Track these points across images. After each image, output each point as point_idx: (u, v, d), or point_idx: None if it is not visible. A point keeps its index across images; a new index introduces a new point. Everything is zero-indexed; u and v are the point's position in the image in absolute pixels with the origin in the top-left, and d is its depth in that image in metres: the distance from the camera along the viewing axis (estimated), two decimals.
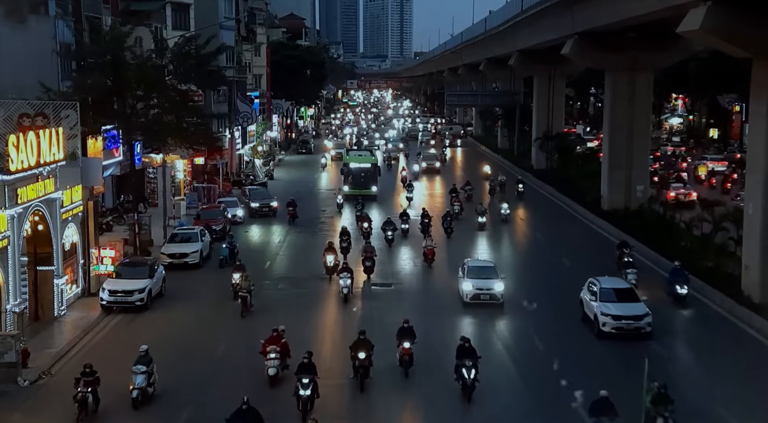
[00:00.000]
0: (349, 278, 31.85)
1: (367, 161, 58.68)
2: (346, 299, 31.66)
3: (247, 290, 30.31)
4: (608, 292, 28.33)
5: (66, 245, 30.79)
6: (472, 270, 31.85)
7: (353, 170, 57.44)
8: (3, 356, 23.21)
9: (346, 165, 58.51)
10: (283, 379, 23.39)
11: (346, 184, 57.20)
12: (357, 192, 54.74)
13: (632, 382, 21.05)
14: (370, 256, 35.00)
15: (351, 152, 63.00)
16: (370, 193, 56.09)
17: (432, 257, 37.42)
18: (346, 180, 57.33)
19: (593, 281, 29.41)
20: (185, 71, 41.14)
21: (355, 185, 56.56)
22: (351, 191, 55.58)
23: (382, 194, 58.15)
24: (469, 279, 31.34)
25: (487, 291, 30.98)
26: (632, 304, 27.84)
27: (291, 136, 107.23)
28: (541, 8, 56.29)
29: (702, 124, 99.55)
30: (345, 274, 31.96)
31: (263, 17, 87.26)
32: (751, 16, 29.08)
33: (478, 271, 31.77)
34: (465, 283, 31.37)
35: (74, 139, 30.22)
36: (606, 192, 50.53)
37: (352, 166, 57.67)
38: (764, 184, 30.28)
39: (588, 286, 29.56)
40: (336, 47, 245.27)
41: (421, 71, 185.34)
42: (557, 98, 72.97)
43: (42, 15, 38.11)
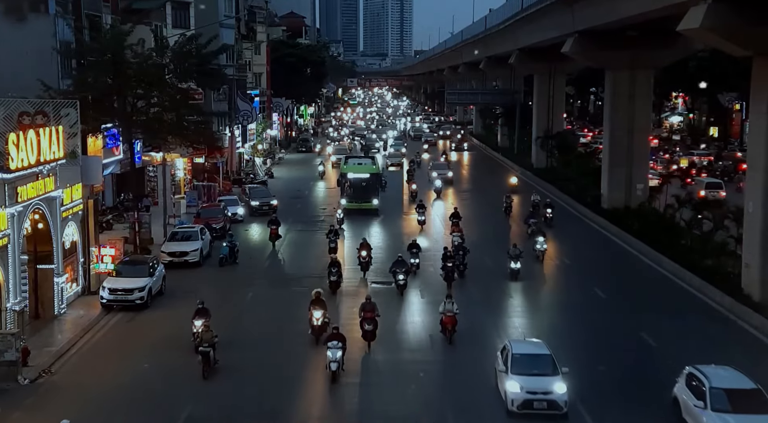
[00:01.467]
0: (340, 349, 23.75)
1: (367, 170, 51.88)
2: (334, 378, 23.49)
3: (209, 343, 24.03)
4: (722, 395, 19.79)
5: (66, 244, 30.79)
6: (520, 361, 21.76)
7: (352, 181, 50.97)
8: (3, 354, 23.20)
9: (344, 175, 51.64)
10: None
11: (343, 196, 51.01)
12: (356, 206, 49.91)
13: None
14: (371, 317, 26.17)
15: (350, 160, 55.82)
16: (371, 206, 50.38)
17: (453, 328, 26.96)
18: (344, 192, 51.03)
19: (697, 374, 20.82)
20: (185, 70, 41.11)
21: (354, 198, 50.49)
22: (349, 205, 49.95)
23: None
24: (515, 375, 21.39)
25: (544, 396, 21.04)
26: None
27: (291, 134, 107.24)
28: (542, 6, 56.24)
29: (702, 122, 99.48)
30: (334, 343, 23.80)
31: (263, 15, 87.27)
32: (751, 15, 29.06)
33: (527, 363, 21.72)
34: (509, 381, 21.37)
35: (74, 137, 30.20)
36: (606, 190, 50.52)
37: (350, 176, 51.01)
38: (764, 182, 30.28)
39: (688, 379, 20.97)
40: (336, 46, 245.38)
41: (421, 69, 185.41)
42: (557, 96, 72.91)
43: (42, 13, 38.06)
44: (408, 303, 31.68)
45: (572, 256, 38.56)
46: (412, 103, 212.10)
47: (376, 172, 52.01)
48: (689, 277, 33.95)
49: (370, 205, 50.13)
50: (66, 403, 22.16)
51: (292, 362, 25.35)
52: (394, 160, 76.18)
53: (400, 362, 25.40)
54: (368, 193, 50.51)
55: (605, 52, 49.67)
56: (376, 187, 51.08)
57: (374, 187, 51.01)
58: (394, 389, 23.25)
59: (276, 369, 24.66)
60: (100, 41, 39.51)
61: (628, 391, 22.90)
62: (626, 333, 27.94)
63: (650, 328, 28.05)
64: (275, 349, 26.34)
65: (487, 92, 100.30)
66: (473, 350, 26.14)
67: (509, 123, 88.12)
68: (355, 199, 50.22)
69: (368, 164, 53.73)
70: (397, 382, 23.72)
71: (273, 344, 26.84)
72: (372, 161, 55.25)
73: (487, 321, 29.35)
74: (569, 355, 24.47)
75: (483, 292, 33.00)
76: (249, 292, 33.37)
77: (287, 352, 26.10)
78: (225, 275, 36.11)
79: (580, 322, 29.43)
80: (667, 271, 35.95)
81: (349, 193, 50.66)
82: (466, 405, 22.11)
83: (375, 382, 23.79)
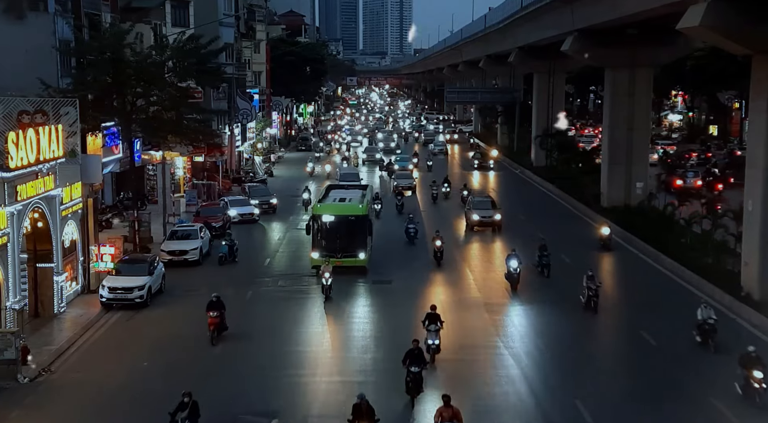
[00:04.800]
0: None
1: (350, 211, 36.06)
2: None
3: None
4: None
5: (66, 242, 30.79)
6: None
7: (329, 226, 35.35)
8: (3, 353, 23.20)
9: (316, 218, 35.47)
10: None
11: (315, 248, 35.14)
12: (333, 262, 33.37)
13: None
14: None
15: (332, 192, 40.56)
16: (357, 262, 35.04)
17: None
18: (316, 242, 35.27)
19: None
20: (185, 68, 41.11)
21: (330, 250, 34.64)
22: (323, 261, 33.59)
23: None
24: None
25: None
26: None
27: (291, 133, 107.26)
28: (541, 5, 56.23)
29: (702, 120, 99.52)
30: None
31: (263, 14, 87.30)
32: (751, 13, 29.05)
33: None
34: None
35: (74, 136, 30.19)
36: (606, 189, 50.52)
37: (326, 219, 35.34)
38: (764, 180, 30.28)
39: None
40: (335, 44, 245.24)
41: (420, 68, 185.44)
42: (557, 95, 72.92)
43: (41, 12, 38.08)
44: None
45: (572, 256, 38.53)
46: (413, 103, 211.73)
47: (363, 213, 35.82)
48: (688, 275, 33.98)
49: (354, 260, 34.87)
50: (66, 402, 22.21)
51: (292, 362, 25.37)
52: (403, 183, 58.91)
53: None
54: (353, 243, 35.19)
55: (605, 50, 49.69)
56: (363, 235, 35.62)
57: (361, 234, 35.55)
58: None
59: (276, 368, 24.67)
60: (100, 40, 39.53)
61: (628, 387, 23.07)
62: (626, 332, 27.91)
63: (650, 327, 28.04)
64: (275, 348, 26.34)
65: (486, 91, 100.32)
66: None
67: (509, 122, 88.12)
68: (333, 251, 34.55)
69: (354, 201, 37.67)
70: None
71: (272, 344, 26.83)
72: (361, 195, 39.29)
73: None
74: (570, 355, 24.67)
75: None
76: (248, 290, 33.36)
77: (287, 352, 26.12)
78: (224, 274, 36.10)
79: (579, 320, 29.42)
80: (667, 269, 35.97)
81: (323, 243, 35.09)
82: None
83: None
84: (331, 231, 35.16)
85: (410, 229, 41.63)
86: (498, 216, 44.44)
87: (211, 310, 26.72)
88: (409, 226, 41.76)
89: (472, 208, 45.55)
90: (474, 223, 44.74)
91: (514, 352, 25.94)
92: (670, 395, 22.40)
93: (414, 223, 42.14)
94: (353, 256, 34.95)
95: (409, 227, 41.75)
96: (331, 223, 35.31)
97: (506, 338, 27.38)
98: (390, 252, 39.71)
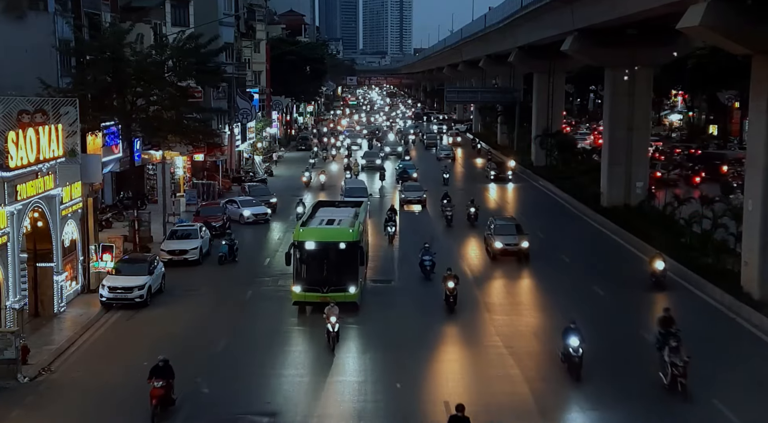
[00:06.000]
0: None
1: (339, 236, 30.62)
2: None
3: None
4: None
5: (66, 242, 30.79)
6: None
7: (311, 254, 30.12)
8: (3, 353, 23.20)
9: (299, 246, 30.03)
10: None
11: (297, 281, 29.95)
12: (318, 297, 29.01)
13: None
14: None
15: (320, 211, 35.26)
16: (346, 297, 29.25)
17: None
18: (297, 273, 30.05)
19: None
20: (185, 68, 41.12)
21: (314, 282, 29.59)
22: (306, 295, 29.65)
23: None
24: None
25: None
26: None
27: (290, 132, 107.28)
28: (541, 5, 56.20)
29: (702, 120, 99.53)
30: None
31: (263, 14, 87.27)
32: (751, 13, 29.06)
33: None
34: None
35: (74, 135, 30.19)
36: (605, 188, 50.52)
37: (309, 246, 30.03)
38: (764, 180, 30.28)
39: None
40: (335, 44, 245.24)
41: (420, 68, 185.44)
42: (557, 95, 72.91)
43: (41, 11, 38.11)
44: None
45: (571, 255, 38.50)
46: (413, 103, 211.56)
47: (353, 238, 30.24)
48: (689, 275, 33.96)
49: (344, 295, 29.26)
50: (66, 401, 22.22)
51: (291, 361, 25.37)
52: (412, 195, 53.09)
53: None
54: (341, 275, 29.74)
55: (605, 50, 49.66)
56: (354, 264, 30.03)
57: (351, 263, 29.95)
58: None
59: (275, 368, 24.68)
60: (100, 39, 39.56)
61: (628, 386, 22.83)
62: (626, 331, 27.91)
63: (650, 326, 28.01)
64: (275, 348, 26.33)
65: (486, 90, 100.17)
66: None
67: (509, 121, 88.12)
68: (318, 285, 29.41)
69: (344, 223, 32.41)
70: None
71: (272, 343, 26.82)
72: (353, 215, 34.10)
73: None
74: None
75: None
76: (248, 290, 33.37)
77: (287, 352, 26.12)
78: (224, 273, 36.12)
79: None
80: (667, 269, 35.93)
81: (304, 275, 29.89)
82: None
83: None
84: (315, 260, 29.94)
85: (426, 261, 34.40)
86: (525, 243, 37.69)
87: (156, 378, 20.81)
88: (425, 258, 34.47)
89: (493, 233, 38.27)
90: (497, 252, 37.77)
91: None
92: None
93: (430, 253, 34.70)
94: (342, 290, 29.20)
95: (424, 259, 34.46)
96: (315, 251, 29.89)
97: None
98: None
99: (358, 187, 52.08)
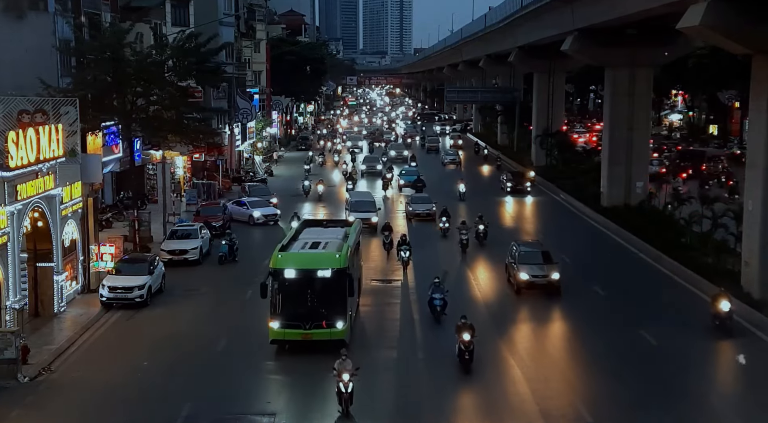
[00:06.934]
0: None
1: (324, 261, 26.17)
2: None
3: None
4: None
5: (66, 242, 30.79)
6: None
7: (290, 284, 25.84)
8: (3, 353, 23.21)
9: (277, 274, 25.79)
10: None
11: (274, 316, 25.64)
12: (300, 333, 25.38)
13: None
14: None
15: (305, 231, 31.12)
16: (333, 335, 25.20)
17: None
18: (275, 307, 25.78)
19: None
20: (185, 67, 41.14)
21: (295, 317, 25.41)
22: (286, 333, 25.49)
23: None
24: None
25: None
26: None
27: (290, 132, 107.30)
28: (541, 4, 56.22)
29: (702, 120, 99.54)
30: None
31: (263, 14, 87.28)
32: (751, 13, 29.07)
33: None
34: None
35: (74, 135, 30.20)
36: (606, 188, 50.53)
37: (289, 274, 25.79)
38: (764, 180, 30.29)
39: None
40: (335, 44, 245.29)
41: (420, 68, 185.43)
42: (557, 94, 72.93)
43: (41, 11, 38.11)
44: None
45: (572, 255, 38.50)
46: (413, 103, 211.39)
47: (341, 265, 25.85)
48: (688, 275, 33.96)
49: (330, 331, 25.29)
50: (66, 401, 22.23)
51: (291, 361, 25.35)
52: (420, 208, 47.56)
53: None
54: (327, 309, 25.48)
55: (605, 49, 49.70)
56: (342, 296, 25.60)
57: (338, 295, 25.62)
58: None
59: (275, 368, 24.68)
60: (100, 39, 39.57)
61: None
62: (626, 331, 27.91)
63: (650, 326, 28.03)
64: (275, 348, 26.30)
65: (486, 90, 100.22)
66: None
67: (509, 121, 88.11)
68: (300, 321, 25.38)
69: (331, 246, 27.66)
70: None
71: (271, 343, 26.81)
72: (342, 236, 29.63)
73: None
74: (569, 355, 24.52)
75: None
76: (249, 290, 33.32)
77: (286, 351, 26.09)
78: (224, 273, 36.13)
79: (581, 320, 29.34)
80: (667, 269, 35.94)
81: (287, 308, 25.70)
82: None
83: None
84: (296, 291, 25.78)
85: (436, 299, 28.72)
86: (556, 274, 31.93)
87: None
88: (434, 296, 28.75)
89: (517, 262, 32.52)
90: (521, 285, 31.92)
91: None
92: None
93: (442, 291, 28.82)
94: (328, 327, 25.20)
95: (434, 297, 28.75)
96: (295, 280, 25.72)
97: None
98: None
99: (365, 201, 46.79)
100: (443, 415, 21.31)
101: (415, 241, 38.20)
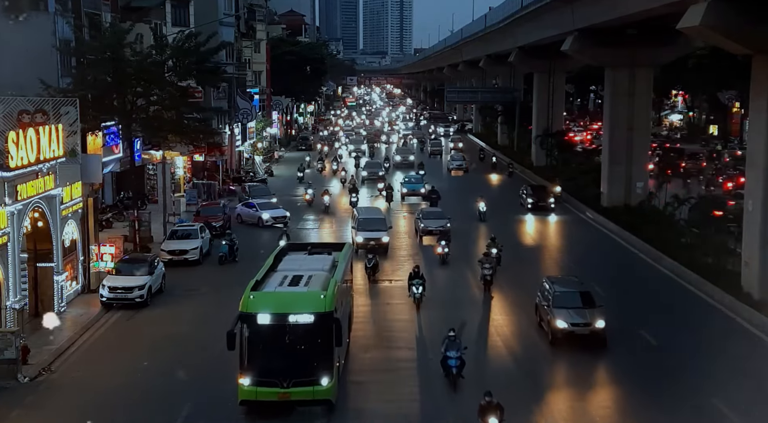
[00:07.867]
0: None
1: (306, 304, 21.46)
2: None
3: None
4: None
5: (66, 242, 30.79)
6: None
7: (263, 332, 21.44)
8: (3, 353, 23.23)
9: (249, 318, 21.36)
10: None
11: (245, 371, 21.10)
12: (276, 393, 20.82)
13: None
14: None
15: (284, 260, 26.47)
16: (316, 394, 20.97)
17: None
18: (245, 359, 21.21)
19: None
20: (185, 67, 41.15)
21: (270, 373, 20.90)
22: (258, 391, 20.96)
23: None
24: None
25: None
26: None
27: (291, 132, 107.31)
28: (541, 5, 56.20)
29: (702, 120, 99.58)
30: None
31: (263, 14, 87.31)
32: (751, 13, 29.06)
33: None
34: None
35: (74, 135, 30.22)
36: (606, 189, 50.53)
37: (263, 320, 21.42)
38: (764, 180, 30.28)
39: None
40: (336, 44, 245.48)
41: (420, 68, 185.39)
42: (557, 95, 72.87)
43: (41, 11, 38.16)
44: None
45: (572, 254, 38.44)
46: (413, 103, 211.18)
47: (325, 308, 21.29)
48: (688, 275, 33.96)
49: (312, 390, 20.93)
50: (66, 401, 22.24)
51: None
52: (432, 225, 41.34)
53: None
54: (308, 363, 21.04)
55: (605, 50, 49.68)
56: (328, 346, 21.19)
57: (322, 344, 21.18)
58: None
59: None
60: (100, 39, 39.59)
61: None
62: (626, 331, 27.90)
63: (650, 326, 28.03)
64: None
65: (487, 90, 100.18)
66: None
67: (509, 121, 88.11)
68: (276, 377, 20.89)
69: (314, 283, 22.89)
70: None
71: None
72: (329, 267, 25.32)
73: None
74: (570, 355, 24.46)
75: None
76: None
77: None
78: (224, 273, 36.11)
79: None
80: (667, 269, 35.93)
81: (261, 361, 21.23)
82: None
83: None
84: (271, 341, 21.33)
85: (451, 358, 22.98)
86: (601, 322, 25.82)
87: None
88: (449, 354, 23.01)
89: (552, 305, 26.52)
90: (558, 334, 25.96)
91: None
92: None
93: (458, 347, 23.03)
94: (310, 384, 20.77)
95: (448, 355, 23.01)
96: (270, 327, 21.28)
97: None
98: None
99: (375, 218, 40.91)
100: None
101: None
